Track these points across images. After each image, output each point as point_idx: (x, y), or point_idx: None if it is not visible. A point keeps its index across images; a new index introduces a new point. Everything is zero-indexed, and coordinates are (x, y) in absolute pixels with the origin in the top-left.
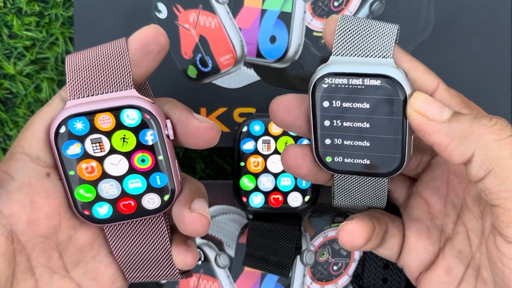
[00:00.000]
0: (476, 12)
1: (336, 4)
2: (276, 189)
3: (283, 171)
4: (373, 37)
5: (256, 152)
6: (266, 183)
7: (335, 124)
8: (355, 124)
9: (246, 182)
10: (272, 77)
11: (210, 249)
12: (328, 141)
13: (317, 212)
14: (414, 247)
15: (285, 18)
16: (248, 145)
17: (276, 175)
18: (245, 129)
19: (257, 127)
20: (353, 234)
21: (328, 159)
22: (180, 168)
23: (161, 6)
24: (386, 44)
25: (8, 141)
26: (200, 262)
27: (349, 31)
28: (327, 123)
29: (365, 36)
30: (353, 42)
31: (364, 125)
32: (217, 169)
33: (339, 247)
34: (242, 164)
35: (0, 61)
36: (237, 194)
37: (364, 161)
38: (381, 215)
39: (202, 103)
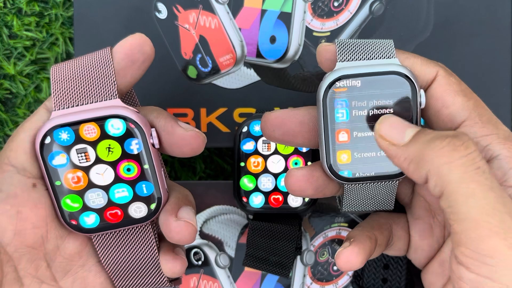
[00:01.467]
0: (476, 12)
1: (336, 4)
2: (276, 189)
3: (283, 171)
4: (374, 44)
5: (256, 152)
6: (266, 183)
7: (348, 129)
8: (367, 125)
9: (246, 182)
10: (272, 77)
11: (210, 249)
12: (342, 150)
13: (317, 212)
14: (419, 246)
15: (285, 18)
16: (248, 145)
17: (276, 175)
18: (245, 129)
19: (257, 127)
20: (350, 261)
21: (342, 167)
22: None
23: (161, 6)
24: (388, 47)
25: None
26: (200, 262)
27: (350, 44)
28: (340, 130)
29: (366, 45)
30: (357, 49)
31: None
32: (217, 169)
33: (339, 247)
34: (242, 164)
35: (0, 61)
36: (237, 194)
37: (378, 164)
38: (385, 221)
39: (202, 103)
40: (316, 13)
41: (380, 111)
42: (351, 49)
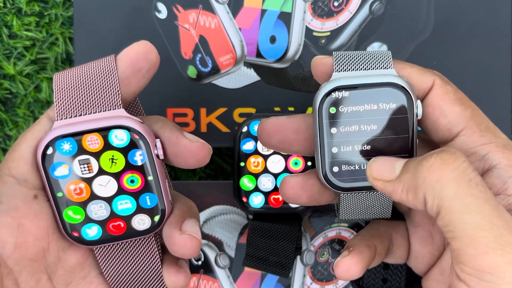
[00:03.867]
0: (476, 12)
1: (336, 4)
2: (276, 189)
3: (283, 171)
4: (371, 55)
5: (256, 152)
6: (266, 183)
7: (342, 139)
8: (362, 136)
9: (246, 182)
10: (272, 77)
11: (210, 249)
12: (334, 157)
13: (317, 212)
14: (420, 254)
15: (285, 18)
16: (248, 145)
17: (276, 175)
18: (245, 129)
19: (257, 127)
20: (349, 271)
21: (334, 175)
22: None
23: (161, 6)
24: (385, 58)
25: (8, 141)
26: (200, 262)
27: (347, 55)
28: (333, 139)
29: (363, 55)
30: (354, 59)
31: (371, 135)
32: (217, 169)
33: (339, 248)
34: (242, 164)
35: (0, 61)
36: (237, 194)
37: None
38: (385, 229)
39: (202, 103)
40: (316, 13)
41: (373, 118)
42: (348, 59)
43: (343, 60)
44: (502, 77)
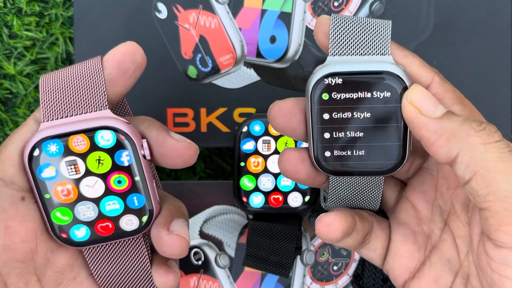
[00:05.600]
0: (476, 12)
1: (336, 4)
2: (276, 189)
3: None
4: (369, 36)
5: (256, 152)
6: (266, 183)
7: (334, 125)
8: (355, 123)
9: (246, 182)
10: (272, 77)
11: (210, 249)
12: (326, 142)
13: (317, 212)
14: (399, 251)
15: (285, 18)
16: (248, 145)
17: (276, 175)
18: (245, 129)
19: (257, 127)
20: (330, 225)
21: (326, 159)
22: (160, 186)
23: (161, 6)
24: (383, 41)
25: None
26: (200, 262)
27: (344, 31)
28: (325, 124)
29: (361, 35)
30: (350, 41)
31: (364, 122)
32: (217, 169)
33: (339, 247)
34: (242, 164)
35: (0, 61)
36: (237, 194)
37: (363, 160)
38: (368, 214)
39: (202, 103)
40: (316, 13)
41: (365, 106)
42: (344, 40)
43: (339, 41)
44: (502, 77)
